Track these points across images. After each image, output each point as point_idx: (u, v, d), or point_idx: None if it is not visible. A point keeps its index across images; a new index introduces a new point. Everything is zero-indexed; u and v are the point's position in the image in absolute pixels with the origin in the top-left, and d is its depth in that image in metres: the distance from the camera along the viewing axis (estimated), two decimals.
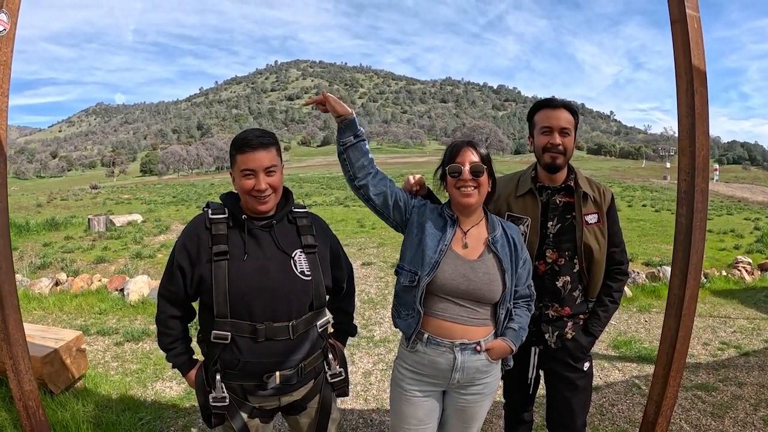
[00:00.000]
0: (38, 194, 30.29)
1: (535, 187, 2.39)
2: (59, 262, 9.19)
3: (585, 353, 2.41)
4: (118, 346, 5.22)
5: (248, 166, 1.85)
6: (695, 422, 3.64)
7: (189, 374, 2.04)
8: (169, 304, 2.01)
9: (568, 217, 2.34)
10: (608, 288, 2.42)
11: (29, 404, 2.56)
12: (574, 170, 2.40)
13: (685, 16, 2.34)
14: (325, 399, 2.13)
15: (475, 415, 2.13)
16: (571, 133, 2.29)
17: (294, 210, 2.08)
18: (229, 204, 1.98)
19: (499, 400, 4.01)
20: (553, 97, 2.37)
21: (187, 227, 2.00)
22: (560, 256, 2.34)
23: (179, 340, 2.04)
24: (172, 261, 1.97)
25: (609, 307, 2.41)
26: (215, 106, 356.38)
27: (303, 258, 2.00)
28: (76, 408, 3.57)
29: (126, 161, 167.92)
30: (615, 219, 2.42)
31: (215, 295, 1.85)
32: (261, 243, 1.95)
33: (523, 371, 2.45)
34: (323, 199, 22.60)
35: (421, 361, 2.06)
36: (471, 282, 1.98)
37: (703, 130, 2.37)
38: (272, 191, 1.91)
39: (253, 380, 1.93)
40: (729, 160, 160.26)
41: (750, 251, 10.66)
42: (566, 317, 2.38)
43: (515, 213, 2.40)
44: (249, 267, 1.89)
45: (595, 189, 2.39)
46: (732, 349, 5.26)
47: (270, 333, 1.89)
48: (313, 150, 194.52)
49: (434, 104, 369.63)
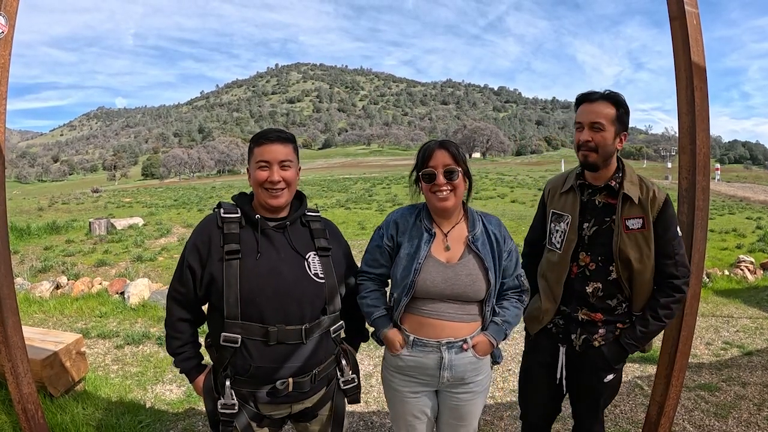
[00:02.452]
0: (40, 198, 30.30)
1: (576, 184, 2.27)
2: (60, 266, 9.20)
3: (609, 366, 2.24)
4: (118, 349, 5.21)
5: (264, 158, 1.86)
6: (698, 423, 3.61)
7: (197, 380, 1.99)
8: (179, 306, 1.97)
9: (607, 220, 2.17)
10: (654, 302, 2.16)
11: (28, 407, 2.55)
12: (623, 169, 2.20)
13: (684, 12, 2.33)
14: (338, 407, 2.08)
15: (468, 413, 2.11)
16: (607, 128, 2.10)
17: (307, 213, 2.06)
18: (241, 204, 1.95)
19: (501, 401, 4.01)
20: (593, 90, 2.19)
21: (197, 226, 1.96)
22: (593, 260, 2.20)
23: (188, 344, 1.99)
24: (182, 261, 1.93)
25: (649, 322, 2.15)
26: (216, 110, 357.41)
27: (317, 260, 1.97)
28: (75, 411, 3.55)
29: (127, 165, 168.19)
30: (668, 226, 2.13)
31: (226, 295, 1.81)
32: (274, 243, 1.92)
33: (551, 371, 2.36)
34: (324, 201, 22.58)
35: (407, 364, 2.04)
36: (455, 285, 1.97)
37: (703, 127, 2.36)
38: (285, 186, 1.89)
39: (265, 386, 1.88)
40: (730, 159, 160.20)
41: (752, 250, 10.64)
42: (599, 323, 2.23)
43: (558, 210, 2.33)
44: (262, 267, 1.86)
45: (645, 191, 2.14)
46: (735, 348, 5.24)
47: (282, 336, 1.84)
48: (315, 153, 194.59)
49: (435, 106, 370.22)
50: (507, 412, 3.80)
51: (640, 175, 2.23)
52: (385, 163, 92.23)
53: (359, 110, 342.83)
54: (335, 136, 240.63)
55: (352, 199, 23.72)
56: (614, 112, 2.11)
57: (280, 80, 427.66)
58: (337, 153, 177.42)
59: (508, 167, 58.05)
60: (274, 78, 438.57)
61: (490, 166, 64.99)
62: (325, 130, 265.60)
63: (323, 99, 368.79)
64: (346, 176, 45.86)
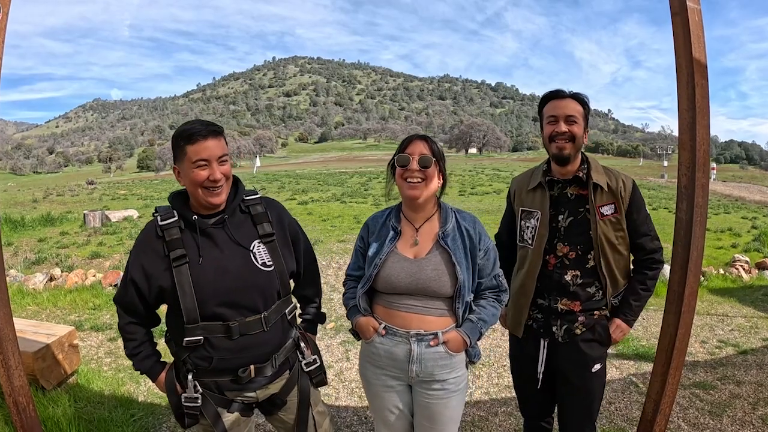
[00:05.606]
0: (34, 190, 30.13)
1: (545, 180, 2.35)
2: (54, 258, 9.13)
3: (594, 355, 2.31)
4: (111, 342, 5.18)
5: (201, 156, 1.77)
6: (693, 421, 3.62)
7: (159, 378, 1.97)
8: (126, 312, 1.94)
9: (581, 210, 2.26)
10: (642, 275, 2.32)
11: (19, 400, 2.52)
12: (587, 161, 2.31)
13: (686, 8, 2.31)
14: (303, 389, 2.08)
15: (439, 414, 2.06)
16: (579, 122, 2.21)
17: (246, 198, 1.99)
18: (177, 206, 1.89)
19: (495, 397, 4.01)
20: (560, 89, 2.29)
21: (138, 238, 1.90)
22: (572, 249, 2.28)
23: (144, 343, 1.97)
24: (126, 273, 1.89)
25: (641, 295, 2.31)
26: (213, 102, 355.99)
27: (262, 248, 1.94)
28: (67, 404, 3.52)
29: (123, 157, 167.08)
30: (639, 207, 2.28)
31: (183, 302, 1.78)
32: (217, 241, 1.87)
33: (532, 365, 2.41)
34: (320, 195, 22.53)
35: (378, 352, 2.07)
36: (418, 280, 1.98)
37: (703, 124, 2.34)
38: (225, 180, 1.84)
39: (228, 376, 1.89)
40: (726, 159, 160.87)
41: (747, 250, 10.67)
42: (578, 312, 2.30)
43: (527, 207, 2.39)
44: (208, 269, 1.83)
45: (613, 178, 2.27)
46: (730, 347, 5.25)
47: (243, 328, 1.85)
48: (310, 147, 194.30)
49: (432, 101, 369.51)
50: (502, 408, 3.80)
51: (603, 165, 2.35)
52: (381, 157, 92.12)
53: (356, 104, 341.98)
54: (332, 130, 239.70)
55: (348, 193, 23.66)
56: (582, 109, 2.24)
57: (277, 73, 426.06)
58: (334, 147, 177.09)
59: (505, 163, 57.99)
60: (271, 71, 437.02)
61: (487, 161, 64.95)
62: (322, 124, 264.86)
63: (320, 93, 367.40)
64: (343, 170, 45.76)
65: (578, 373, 2.33)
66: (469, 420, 3.62)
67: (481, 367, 4.58)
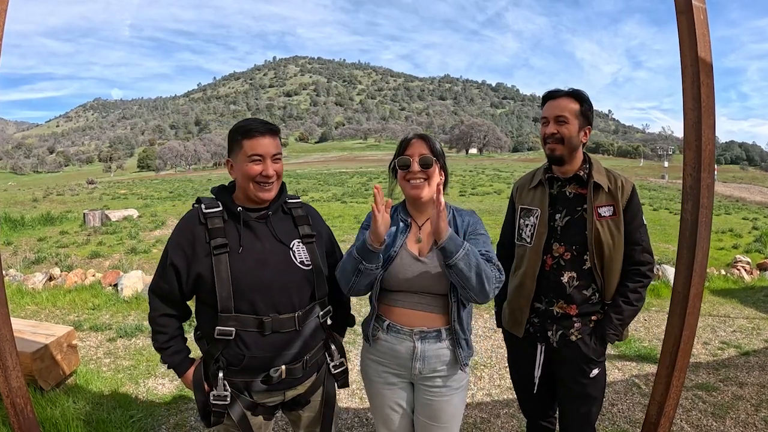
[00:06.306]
0: (35, 189, 30.14)
1: (545, 178, 2.33)
2: (53, 257, 9.12)
3: (592, 360, 2.25)
4: (110, 342, 5.16)
5: (257, 151, 1.82)
6: (696, 422, 3.59)
7: (186, 374, 1.96)
8: (162, 302, 1.94)
9: (579, 210, 2.23)
10: (623, 288, 2.21)
11: (17, 401, 2.49)
12: (589, 161, 2.27)
13: (692, 7, 2.28)
14: (329, 391, 2.10)
15: (441, 412, 2.05)
16: (571, 121, 2.17)
17: (288, 201, 2.04)
18: (222, 197, 1.93)
19: (498, 399, 3.98)
20: (559, 88, 2.27)
21: (179, 224, 1.92)
22: (567, 250, 2.24)
23: (175, 338, 1.96)
24: (165, 258, 1.90)
25: (623, 309, 2.20)
26: (213, 102, 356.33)
27: (302, 247, 1.97)
28: (66, 405, 3.50)
29: (123, 157, 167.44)
30: (635, 214, 2.21)
31: (219, 290, 1.79)
32: (258, 235, 1.90)
33: (530, 369, 2.39)
34: (320, 195, 22.54)
35: (382, 349, 2.06)
36: (424, 279, 1.97)
37: (709, 123, 2.31)
38: (276, 178, 1.89)
39: (258, 375, 1.88)
40: (727, 160, 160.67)
41: (749, 251, 10.67)
42: (574, 316, 2.26)
43: (526, 205, 2.37)
44: (248, 260, 1.85)
45: (613, 180, 2.23)
46: (732, 348, 5.22)
47: (276, 325, 1.86)
48: (311, 146, 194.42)
49: (432, 101, 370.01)
50: (504, 410, 3.77)
51: (605, 167, 2.31)
52: (381, 157, 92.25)
53: (356, 104, 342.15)
54: (332, 130, 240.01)
55: (348, 193, 23.68)
56: (578, 107, 2.19)
57: (277, 73, 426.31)
58: (334, 147, 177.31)
59: (505, 163, 58.04)
60: (271, 71, 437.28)
61: (487, 162, 65.00)
62: (322, 124, 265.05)
63: (321, 93, 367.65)
64: (343, 170, 45.81)
65: (576, 379, 2.30)
66: (471, 422, 3.60)
67: (483, 369, 4.56)
